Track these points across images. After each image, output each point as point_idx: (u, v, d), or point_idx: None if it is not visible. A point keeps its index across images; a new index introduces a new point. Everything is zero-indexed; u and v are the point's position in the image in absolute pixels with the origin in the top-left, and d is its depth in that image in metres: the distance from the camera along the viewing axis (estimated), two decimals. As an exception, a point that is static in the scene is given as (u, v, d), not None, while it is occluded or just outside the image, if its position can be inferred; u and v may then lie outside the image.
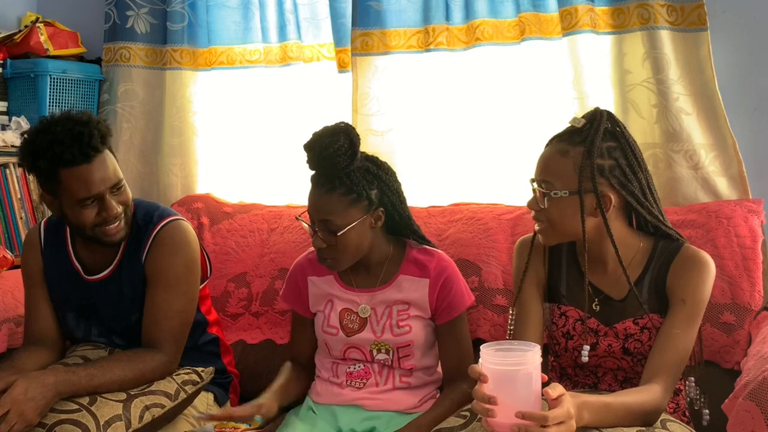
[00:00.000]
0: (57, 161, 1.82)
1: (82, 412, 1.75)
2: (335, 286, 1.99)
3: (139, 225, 2.01)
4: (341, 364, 1.98)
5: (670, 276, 1.72)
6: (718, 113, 2.21)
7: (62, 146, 1.81)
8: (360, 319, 1.95)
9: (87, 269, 2.04)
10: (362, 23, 2.57)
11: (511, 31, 2.45)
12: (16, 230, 2.80)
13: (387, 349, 1.94)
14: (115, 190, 1.90)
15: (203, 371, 2.03)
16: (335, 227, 1.85)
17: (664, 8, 2.22)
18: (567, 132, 1.77)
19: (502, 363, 1.39)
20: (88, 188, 1.85)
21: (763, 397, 1.42)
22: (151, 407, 1.85)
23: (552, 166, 1.74)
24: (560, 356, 1.84)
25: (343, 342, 1.96)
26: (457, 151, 2.57)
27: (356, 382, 1.95)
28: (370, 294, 1.95)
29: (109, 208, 1.88)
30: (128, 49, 2.88)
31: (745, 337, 2.01)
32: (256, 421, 1.85)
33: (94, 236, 1.93)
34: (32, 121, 2.79)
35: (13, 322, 2.21)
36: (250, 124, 2.84)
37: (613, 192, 1.71)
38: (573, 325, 1.80)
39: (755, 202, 2.16)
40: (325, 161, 1.84)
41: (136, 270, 2.00)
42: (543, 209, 1.73)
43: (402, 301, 1.94)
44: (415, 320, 1.93)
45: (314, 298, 2.02)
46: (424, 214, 2.43)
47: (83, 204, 1.87)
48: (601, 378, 1.81)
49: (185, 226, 2.05)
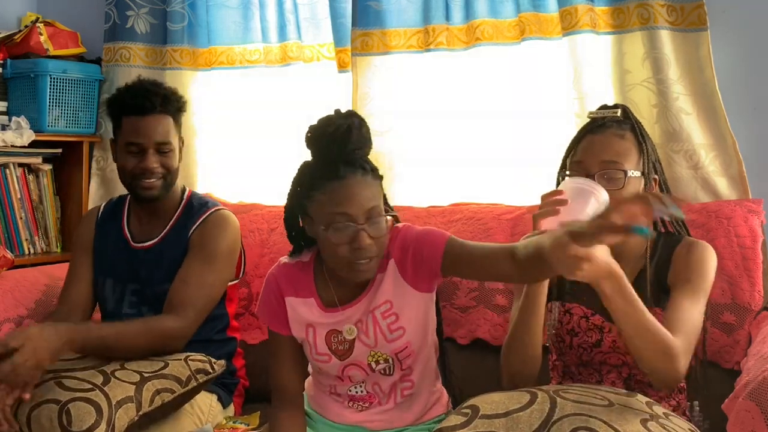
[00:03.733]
0: (120, 107, 2.13)
1: (96, 391, 1.79)
2: (315, 311, 1.72)
3: (194, 206, 2.20)
4: (340, 385, 1.78)
5: (673, 267, 1.75)
6: (718, 113, 2.21)
7: (129, 95, 2.12)
8: (348, 339, 1.72)
9: (135, 238, 2.21)
10: (362, 23, 2.57)
11: (511, 31, 2.45)
12: (16, 230, 2.81)
13: (385, 358, 1.72)
14: (161, 150, 2.12)
15: (216, 363, 2.04)
16: (381, 212, 1.60)
17: (664, 8, 2.22)
18: (607, 119, 1.79)
19: (582, 182, 1.61)
20: (135, 135, 2.10)
21: (763, 397, 1.42)
22: (162, 391, 1.88)
23: (617, 148, 1.74)
24: (564, 354, 1.84)
25: (338, 365, 1.73)
26: (457, 151, 2.57)
27: (358, 405, 1.78)
28: (353, 307, 1.71)
29: (148, 161, 2.10)
30: (128, 49, 2.89)
31: (745, 337, 2.01)
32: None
33: (133, 187, 2.15)
34: (32, 121, 2.80)
35: (13, 322, 2.21)
36: (250, 124, 2.84)
37: (655, 181, 1.78)
38: (578, 322, 1.81)
39: (755, 202, 2.16)
40: (348, 141, 1.60)
41: (182, 241, 2.15)
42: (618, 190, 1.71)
43: (385, 302, 1.69)
44: (405, 315, 1.69)
45: (294, 322, 1.75)
46: (424, 214, 2.43)
47: (128, 149, 2.11)
48: (605, 376, 1.81)
49: (235, 219, 2.22)
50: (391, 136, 2.59)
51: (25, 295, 2.27)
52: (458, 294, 2.27)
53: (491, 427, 1.47)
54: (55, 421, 1.72)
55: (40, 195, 2.89)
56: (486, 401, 1.55)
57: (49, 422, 1.73)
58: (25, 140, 2.74)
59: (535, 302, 1.70)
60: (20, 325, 2.20)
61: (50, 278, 2.40)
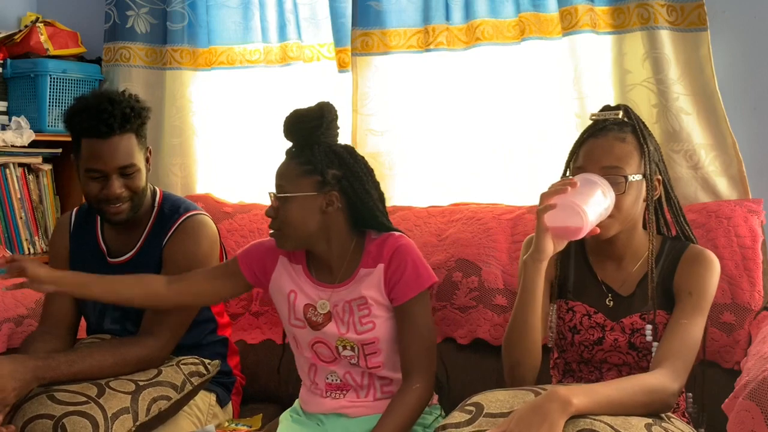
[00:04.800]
0: (78, 129, 1.96)
1: (90, 404, 1.76)
2: (302, 276, 1.88)
3: (165, 214, 2.08)
4: (319, 370, 1.89)
5: (678, 273, 1.75)
6: (718, 113, 2.21)
7: (85, 117, 1.94)
8: (321, 314, 1.86)
9: (111, 252, 2.10)
10: (362, 23, 2.57)
11: (511, 31, 2.44)
12: (16, 230, 2.80)
13: (352, 346, 1.84)
14: (125, 173, 1.97)
15: (210, 363, 2.03)
16: (283, 193, 1.81)
17: (664, 8, 2.22)
18: (609, 122, 1.79)
19: (592, 176, 1.69)
20: (95, 162, 1.95)
21: (763, 396, 1.42)
22: (158, 399, 1.86)
23: (618, 152, 1.74)
24: (566, 351, 1.85)
25: (310, 335, 1.86)
26: (457, 150, 2.56)
27: (335, 393, 1.88)
28: (330, 290, 1.85)
29: (111, 188, 1.96)
30: (128, 49, 2.88)
31: (745, 337, 2.01)
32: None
33: (99, 210, 2.02)
34: (32, 121, 2.80)
35: (13, 322, 2.21)
36: (250, 124, 2.84)
37: (658, 181, 1.78)
38: (580, 320, 1.81)
39: (755, 202, 2.16)
40: (291, 125, 1.83)
41: (155, 254, 2.05)
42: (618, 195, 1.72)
43: (360, 297, 1.83)
44: (379, 314, 1.83)
45: (277, 281, 1.90)
46: (424, 214, 2.43)
47: (90, 175, 1.96)
48: (605, 373, 1.81)
49: (209, 222, 2.12)
50: (391, 136, 2.59)
51: (25, 295, 2.27)
52: (458, 294, 2.27)
53: (495, 425, 1.47)
54: None
55: (40, 195, 2.89)
56: (490, 399, 1.55)
57: None
58: (25, 140, 2.74)
59: (532, 295, 1.70)
60: (20, 325, 2.20)
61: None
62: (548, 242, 1.67)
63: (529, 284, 1.70)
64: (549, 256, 1.68)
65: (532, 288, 1.70)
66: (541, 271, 1.70)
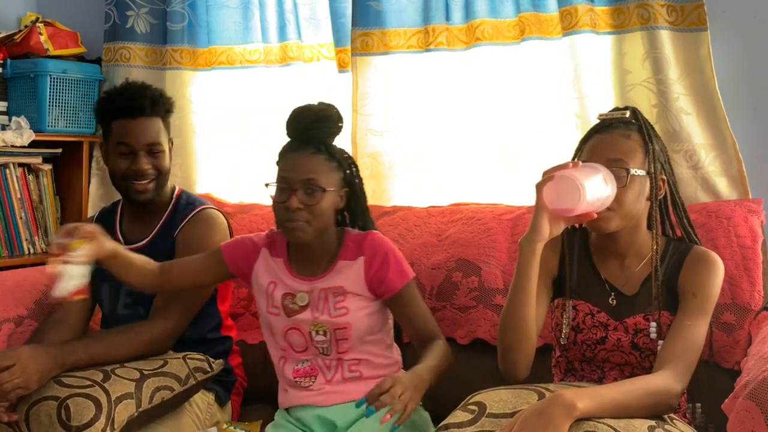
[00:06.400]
0: (109, 111, 2.16)
1: (95, 387, 1.80)
2: (283, 269, 1.95)
3: (181, 206, 2.23)
4: (288, 360, 1.95)
5: (682, 274, 1.76)
6: (718, 113, 2.21)
7: (118, 100, 2.15)
8: (299, 305, 1.92)
9: (127, 239, 2.22)
10: (362, 23, 2.57)
11: (511, 31, 2.45)
12: (16, 230, 2.81)
13: (324, 330, 1.90)
14: (152, 151, 2.15)
15: (214, 362, 2.07)
16: (318, 187, 1.85)
17: (664, 8, 2.22)
18: (615, 120, 1.80)
19: (596, 165, 1.70)
20: (126, 137, 2.13)
21: (763, 397, 1.42)
22: (161, 389, 1.90)
23: (622, 147, 1.75)
24: (568, 350, 1.85)
25: (284, 322, 1.93)
26: (457, 151, 2.57)
27: (303, 381, 1.93)
28: (311, 283, 1.92)
29: (139, 163, 2.13)
30: (128, 49, 2.88)
31: (745, 337, 2.01)
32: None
33: (125, 189, 2.17)
34: (32, 121, 2.80)
35: (13, 321, 2.21)
36: (250, 124, 2.84)
37: (663, 181, 1.79)
38: (583, 319, 1.81)
39: (755, 202, 2.16)
40: (315, 125, 1.87)
41: (168, 243, 2.17)
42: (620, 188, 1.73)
43: (338, 287, 1.90)
44: (353, 302, 1.90)
45: (258, 273, 1.98)
46: (424, 214, 2.43)
47: (119, 149, 2.14)
48: (607, 373, 1.82)
49: (223, 218, 2.25)
50: (391, 136, 2.59)
51: (25, 295, 2.27)
52: (458, 294, 2.27)
53: (498, 426, 1.47)
54: (54, 417, 1.73)
55: (40, 195, 2.89)
56: (493, 399, 1.55)
57: (48, 419, 1.74)
58: (25, 140, 2.74)
59: (527, 277, 1.71)
60: (20, 325, 2.20)
61: (50, 278, 2.39)
62: (545, 222, 1.68)
63: (524, 267, 1.70)
64: (545, 238, 1.68)
65: (526, 271, 1.70)
66: (537, 252, 1.70)
